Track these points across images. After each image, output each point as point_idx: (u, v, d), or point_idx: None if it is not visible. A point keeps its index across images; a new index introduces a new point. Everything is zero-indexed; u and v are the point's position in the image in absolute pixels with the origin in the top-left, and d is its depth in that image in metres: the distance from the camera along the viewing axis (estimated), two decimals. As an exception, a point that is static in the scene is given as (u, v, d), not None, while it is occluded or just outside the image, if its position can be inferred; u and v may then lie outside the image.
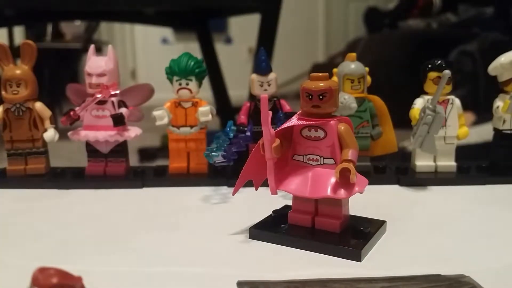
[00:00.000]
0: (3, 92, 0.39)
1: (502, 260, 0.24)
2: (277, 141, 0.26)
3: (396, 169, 0.40)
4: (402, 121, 0.41)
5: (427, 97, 0.39)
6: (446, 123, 0.39)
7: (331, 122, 0.26)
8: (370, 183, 0.36)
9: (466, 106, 0.40)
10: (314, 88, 0.25)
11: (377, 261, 0.24)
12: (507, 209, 0.33)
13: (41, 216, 0.32)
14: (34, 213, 0.33)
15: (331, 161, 0.26)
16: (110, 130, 0.39)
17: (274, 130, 0.26)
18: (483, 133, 0.52)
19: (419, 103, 0.39)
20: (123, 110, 0.39)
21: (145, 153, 1.09)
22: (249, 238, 0.27)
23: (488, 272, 0.23)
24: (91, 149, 0.40)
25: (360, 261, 0.24)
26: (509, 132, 0.39)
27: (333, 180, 0.25)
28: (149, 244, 0.27)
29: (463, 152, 0.41)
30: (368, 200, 0.30)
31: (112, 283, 0.22)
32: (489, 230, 0.29)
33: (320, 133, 0.26)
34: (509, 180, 0.38)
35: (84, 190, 0.38)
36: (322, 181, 0.26)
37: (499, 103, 0.39)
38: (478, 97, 1.06)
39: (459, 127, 0.39)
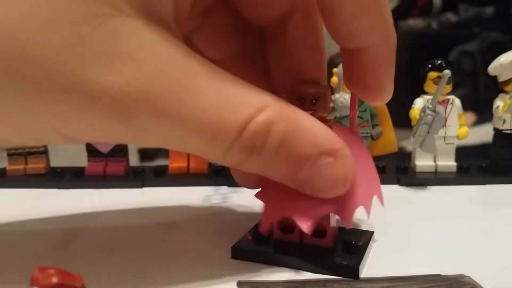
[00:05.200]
0: (3, 92, 0.39)
1: (502, 260, 0.24)
2: None
3: (396, 169, 0.40)
4: (402, 121, 0.41)
5: (427, 97, 0.39)
6: (446, 123, 0.39)
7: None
8: (370, 183, 0.37)
9: (466, 106, 0.40)
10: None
11: (377, 261, 0.24)
12: (507, 209, 0.33)
13: (41, 216, 0.32)
14: (34, 213, 0.33)
15: None
16: (110, 130, 0.39)
17: None
18: (483, 133, 0.52)
19: (419, 103, 0.39)
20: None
21: (145, 153, 1.09)
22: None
23: (488, 272, 0.23)
24: (91, 149, 0.40)
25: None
26: (509, 132, 0.39)
27: None
28: (149, 244, 0.27)
29: (463, 152, 0.41)
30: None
31: (112, 283, 0.22)
32: (489, 230, 0.29)
33: None
34: (509, 180, 0.38)
35: (84, 190, 0.38)
36: None
37: (499, 103, 0.39)
38: (478, 97, 1.06)
39: (459, 127, 0.39)
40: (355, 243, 0.24)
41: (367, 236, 0.26)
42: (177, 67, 0.18)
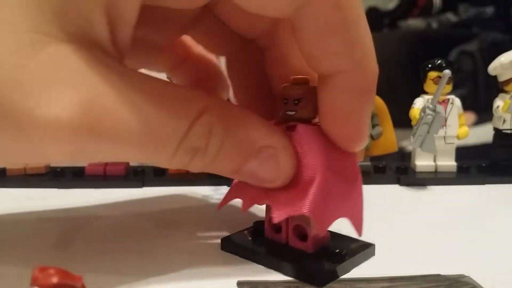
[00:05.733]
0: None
1: (502, 260, 0.24)
2: None
3: (396, 169, 0.40)
4: (402, 121, 0.41)
5: (427, 97, 0.39)
6: (446, 123, 0.39)
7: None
8: (370, 183, 0.37)
9: (466, 106, 0.40)
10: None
11: (376, 261, 0.24)
12: (507, 209, 0.33)
13: (41, 216, 0.32)
14: (34, 213, 0.33)
15: None
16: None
17: None
18: (483, 133, 0.52)
19: (419, 103, 0.39)
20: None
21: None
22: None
23: (488, 272, 0.23)
24: (91, 149, 0.40)
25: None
26: (509, 132, 0.39)
27: None
28: (149, 244, 0.27)
29: (463, 152, 0.41)
30: (367, 200, 0.30)
31: (112, 282, 0.22)
32: (489, 230, 0.29)
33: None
34: (509, 180, 0.38)
35: (84, 190, 0.38)
36: None
37: (499, 103, 0.39)
38: (478, 97, 1.06)
39: (459, 127, 0.39)
40: (339, 251, 0.23)
41: (359, 245, 0.24)
42: (113, 88, 0.18)
